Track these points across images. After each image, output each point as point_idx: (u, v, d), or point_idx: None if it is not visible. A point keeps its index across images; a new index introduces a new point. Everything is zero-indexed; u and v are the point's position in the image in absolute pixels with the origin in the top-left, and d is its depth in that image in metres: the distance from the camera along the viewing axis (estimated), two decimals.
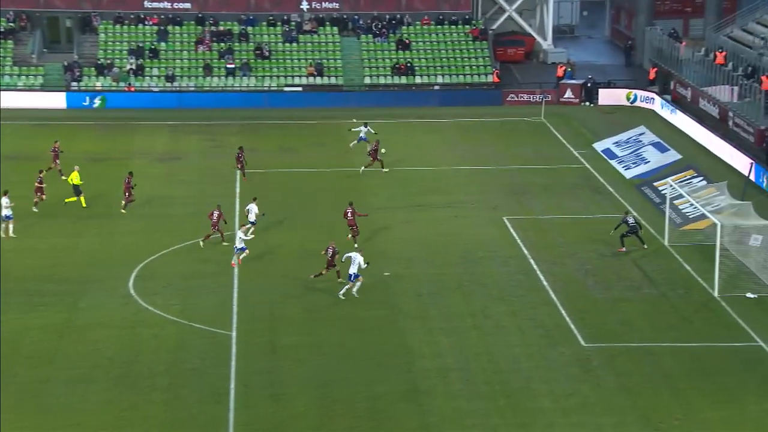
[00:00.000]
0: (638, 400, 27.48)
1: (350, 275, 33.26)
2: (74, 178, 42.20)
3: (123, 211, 40.94)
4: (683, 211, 41.08)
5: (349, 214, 37.98)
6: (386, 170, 46.88)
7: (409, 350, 30.29)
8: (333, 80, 61.48)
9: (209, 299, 33.68)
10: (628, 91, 59.51)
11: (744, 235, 35.37)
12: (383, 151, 47.57)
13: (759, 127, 47.51)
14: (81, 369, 28.95)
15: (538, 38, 67.79)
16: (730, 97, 51.56)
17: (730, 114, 50.48)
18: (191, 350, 30.21)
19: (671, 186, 38.91)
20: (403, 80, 61.74)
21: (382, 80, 61.78)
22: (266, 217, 41.00)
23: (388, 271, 35.86)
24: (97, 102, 57.14)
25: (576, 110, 58.66)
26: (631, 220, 37.15)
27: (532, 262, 36.75)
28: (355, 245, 36.65)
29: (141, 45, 61.83)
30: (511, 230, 39.98)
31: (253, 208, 38.67)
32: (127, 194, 41.17)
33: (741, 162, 46.15)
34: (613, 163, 48.98)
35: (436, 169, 48.19)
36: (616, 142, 51.53)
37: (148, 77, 60.41)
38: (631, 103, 59.25)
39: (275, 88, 60.64)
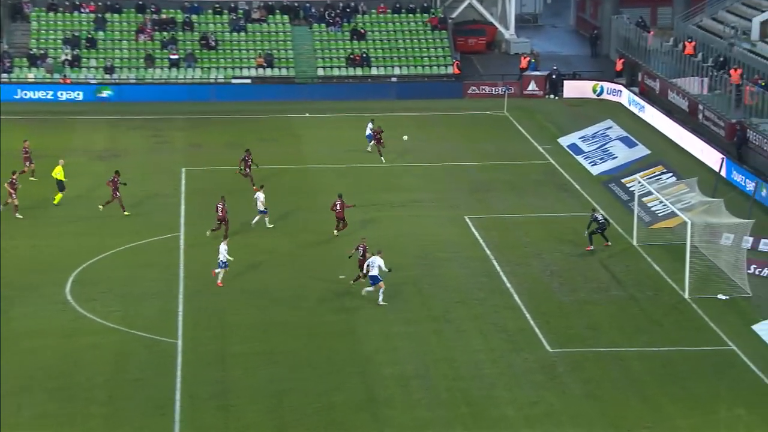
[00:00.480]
0: (606, 408, 27.73)
1: (370, 279, 33.17)
2: (58, 172, 41.91)
3: (126, 213, 40.48)
4: (652, 208, 41.52)
5: (338, 206, 38.41)
6: (384, 161, 47.22)
7: (366, 357, 30.32)
8: (284, 72, 61.30)
9: (153, 305, 33.44)
10: (594, 83, 60.04)
11: (715, 233, 35.83)
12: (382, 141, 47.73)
13: (730, 120, 48.17)
14: (14, 381, 28.59)
15: (500, 27, 68.14)
16: (700, 89, 52.20)
17: (700, 107, 51.12)
18: (133, 360, 29.98)
19: (640, 183, 39.30)
20: (358, 72, 61.76)
21: (335, 72, 61.75)
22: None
23: (342, 274, 35.86)
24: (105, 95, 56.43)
25: (540, 103, 59.08)
26: (600, 217, 37.49)
27: (495, 263, 36.94)
28: (335, 232, 37.84)
29: (77, 34, 61.17)
30: (473, 230, 40.15)
31: (260, 197, 39.25)
32: (114, 194, 40.61)
33: (712, 157, 46.76)
34: (579, 158, 49.39)
35: (393, 166, 48.25)
36: (582, 137, 51.95)
37: (84, 69, 59.80)
38: (598, 95, 59.79)
39: (222, 81, 60.34)
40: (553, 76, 60.13)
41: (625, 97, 58.11)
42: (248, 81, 60.45)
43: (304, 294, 34.47)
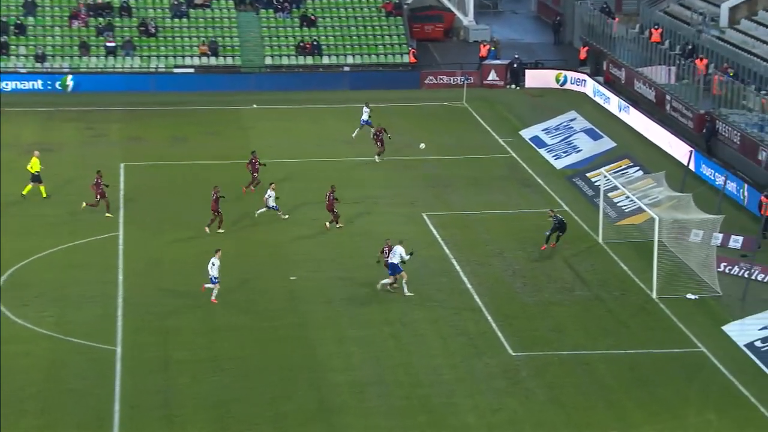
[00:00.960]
0: (571, 414, 27.97)
1: (389, 269, 33.39)
2: (34, 165, 41.45)
3: (108, 215, 40.09)
4: (618, 204, 41.93)
5: (329, 198, 39.02)
6: (379, 160, 47.14)
7: (319, 363, 30.31)
8: (229, 61, 61.04)
9: (89, 310, 33.17)
10: (557, 72, 60.48)
11: (684, 230, 36.26)
12: (389, 136, 47.52)
13: (698, 111, 48.75)
14: None
15: (459, 14, 68.38)
16: (667, 79, 52.74)
17: (668, 97, 51.67)
18: (69, 368, 29.71)
19: (605, 177, 39.66)
20: (309, 61, 61.65)
21: (284, 61, 61.60)
22: (155, 218, 40.53)
23: (293, 275, 35.82)
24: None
25: (501, 94, 59.38)
26: (556, 218, 37.50)
27: (454, 262, 37.09)
28: (327, 224, 38.69)
29: (4, 19, 60.38)
30: (431, 228, 40.28)
31: (272, 195, 39.79)
32: (98, 197, 40.19)
33: (680, 150, 47.32)
34: (542, 152, 49.74)
35: (347, 160, 48.26)
36: (545, 129, 52.31)
37: (14, 57, 59.08)
38: (561, 85, 60.23)
39: (163, 70, 59.94)
40: (515, 65, 60.46)
41: (590, 87, 58.60)
42: (191, 70, 60.10)
43: (253, 296, 34.39)
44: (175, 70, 59.95)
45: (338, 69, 61.21)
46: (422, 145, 35.51)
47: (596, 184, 43.09)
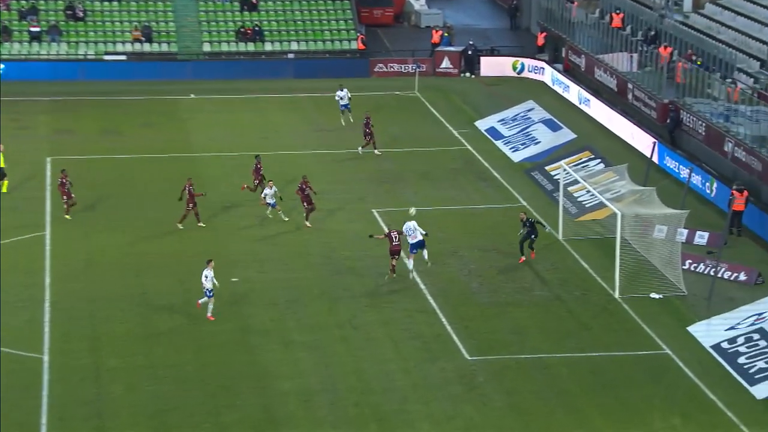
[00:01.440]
0: (530, 421, 28.20)
1: (412, 248, 34.53)
2: None
3: (67, 216, 39.49)
4: (579, 199, 42.28)
5: (304, 190, 39.17)
6: (379, 152, 47.07)
7: (263, 370, 30.28)
8: (164, 47, 60.68)
9: (14, 315, 32.86)
10: (514, 59, 60.83)
11: (647, 226, 36.64)
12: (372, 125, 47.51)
13: (662, 100, 49.26)
14: None
15: None
16: (629, 66, 53.25)
17: (630, 86, 52.18)
18: None
19: (565, 170, 39.97)
20: (250, 47, 61.48)
21: (224, 47, 61.37)
22: (86, 216, 40.22)
23: (236, 277, 35.73)
24: None
25: (455, 82, 59.61)
26: (530, 221, 36.80)
27: (406, 261, 37.24)
28: (306, 223, 38.80)
29: None
30: (382, 225, 40.37)
31: (269, 192, 39.68)
32: (64, 197, 39.69)
33: (643, 141, 47.83)
34: (499, 144, 50.02)
35: (291, 154, 48.22)
36: (502, 120, 52.60)
37: None
38: (518, 73, 60.59)
39: (93, 57, 59.46)
40: (469, 52, 60.72)
41: (548, 75, 59.02)
42: (123, 58, 59.69)
43: (191, 299, 34.25)
44: (106, 58, 59.47)
45: (282, 56, 61.11)
46: (412, 210, 35.77)
47: (555, 177, 43.41)
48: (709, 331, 32.32)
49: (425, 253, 35.29)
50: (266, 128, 51.98)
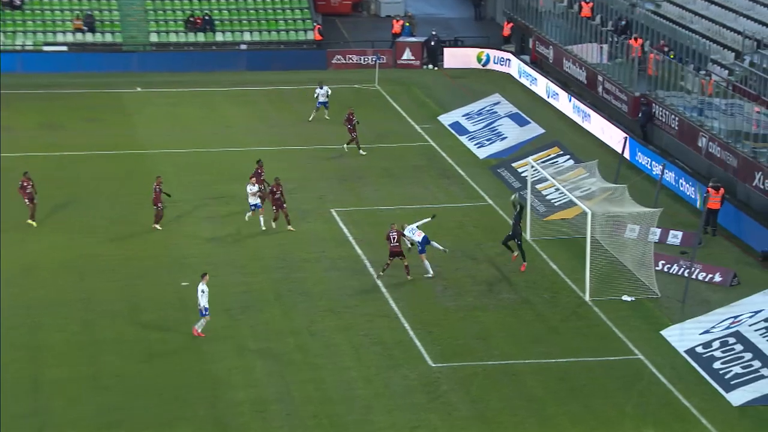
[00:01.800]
0: (497, 430, 28.26)
1: (421, 245, 35.19)
2: None
3: (31, 222, 38.99)
4: (547, 197, 42.48)
5: (275, 193, 39.10)
6: (363, 152, 46.82)
7: (216, 379, 30.20)
8: (108, 37, 60.38)
9: None
10: (478, 50, 61.03)
11: (618, 225, 36.88)
12: (357, 121, 47.13)
13: (633, 93, 49.61)
14: None
15: None
16: (599, 58, 53.57)
17: (600, 78, 52.50)
18: None
19: (533, 167, 40.16)
20: (200, 38, 61.28)
21: (172, 38, 61.13)
22: (26, 218, 39.91)
23: (185, 281, 35.61)
24: None
25: (417, 75, 59.69)
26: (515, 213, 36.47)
27: (367, 264, 37.22)
28: (288, 227, 38.61)
29: None
30: (341, 225, 40.36)
31: (253, 189, 39.06)
32: (28, 201, 39.20)
33: (613, 136, 48.14)
34: (464, 139, 50.15)
35: (245, 150, 48.12)
36: (467, 114, 52.74)
37: None
38: (483, 65, 60.79)
39: (31, 48, 59.06)
40: (432, 43, 60.85)
41: (515, 67, 59.26)
42: (64, 48, 59.30)
43: (139, 305, 34.09)
44: (45, 48, 59.04)
45: (233, 47, 60.96)
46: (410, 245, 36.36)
47: (523, 174, 43.58)
48: (683, 335, 32.58)
49: (435, 244, 35.91)
50: (217, 123, 51.81)
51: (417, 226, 36.02)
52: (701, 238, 37.93)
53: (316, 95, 51.25)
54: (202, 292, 31.68)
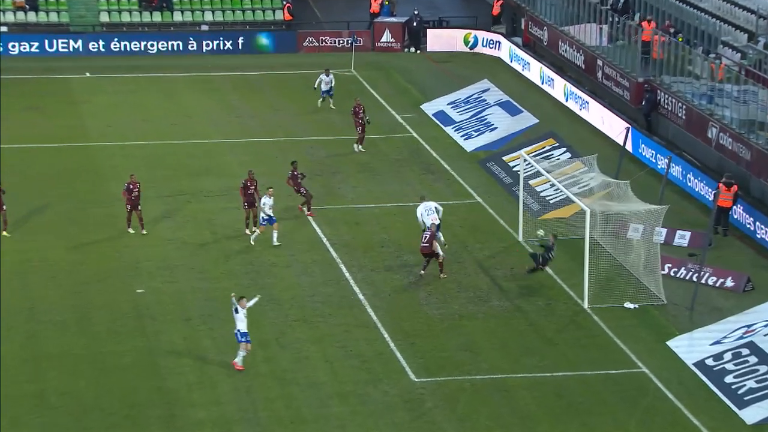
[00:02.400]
0: None
1: (437, 228, 36.85)
2: None
3: (5, 234, 38.69)
4: (542, 194, 42.53)
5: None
6: (362, 149, 46.73)
7: (174, 397, 30.13)
8: (53, 17, 60.17)
9: None
10: (465, 32, 61.08)
11: (620, 224, 36.95)
12: (368, 119, 46.70)
13: (636, 79, 49.72)
14: None
15: None
16: (599, 40, 53.68)
17: (599, 62, 52.63)
18: None
19: (526, 161, 40.22)
20: (157, 18, 61.13)
21: (125, 17, 61.00)
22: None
23: (141, 287, 35.51)
24: None
25: (398, 59, 59.68)
26: (551, 244, 36.05)
27: (343, 268, 37.21)
28: (255, 228, 38.52)
29: None
30: (314, 225, 40.32)
31: (268, 202, 38.17)
32: None
33: (614, 127, 48.24)
34: (449, 130, 50.17)
35: (207, 143, 48.02)
36: (452, 103, 52.76)
37: None
38: (471, 48, 60.83)
39: None
40: (414, 24, 60.88)
41: (506, 50, 59.32)
42: (4, 29, 59.06)
43: (89, 315, 34.00)
44: None
45: (194, 28, 60.84)
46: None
47: (515, 169, 43.62)
48: (691, 346, 32.66)
49: (440, 235, 36.98)
50: (176, 113, 51.69)
51: (436, 209, 37.42)
52: (711, 239, 38.04)
53: (318, 81, 50.77)
54: (237, 311, 30.74)
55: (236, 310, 30.96)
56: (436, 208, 37.47)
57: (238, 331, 30.99)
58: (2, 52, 57.66)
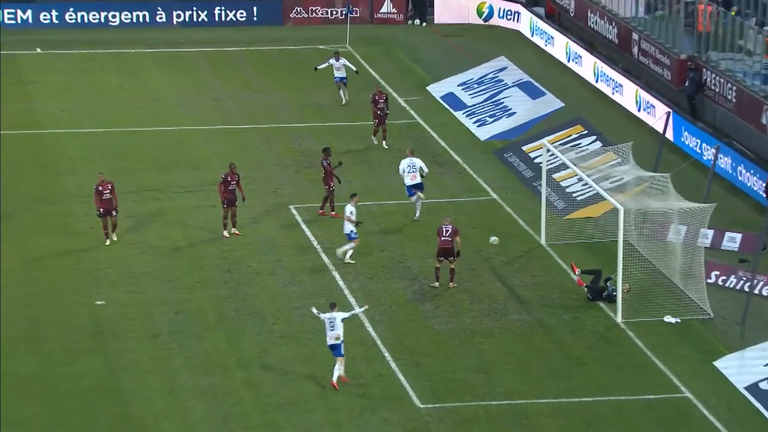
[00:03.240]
0: None
1: (410, 189, 40.13)
2: None
3: None
4: (568, 190, 42.52)
5: (230, 183, 39.02)
6: (378, 142, 46.67)
7: (140, 426, 30.11)
8: None
9: None
10: (479, 1, 61.03)
11: (660, 225, 36.92)
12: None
13: (678, 56, 49.69)
14: None
15: None
16: (634, 10, 53.64)
17: (635, 36, 52.61)
18: None
19: (549, 151, 40.20)
20: None
21: None
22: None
23: (101, 299, 35.52)
24: None
25: (400, 32, 59.64)
26: (611, 287, 35.58)
27: (336, 276, 37.21)
28: (234, 229, 38.75)
29: None
30: (303, 226, 40.33)
31: (352, 211, 37.71)
32: None
33: (653, 111, 48.24)
34: (460, 115, 50.15)
35: (178, 130, 48.01)
36: (464, 84, 52.72)
37: None
38: (485, 20, 60.79)
39: None
40: None
41: (526, 22, 59.30)
42: None
43: (43, 332, 34.00)
44: None
45: None
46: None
47: (536, 161, 43.61)
48: (742, 367, 32.67)
49: (418, 200, 39.96)
50: (142, 95, 51.68)
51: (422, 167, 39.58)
52: (766, 242, 38.02)
53: (326, 64, 49.95)
54: (333, 323, 31.30)
55: (332, 326, 31.12)
56: (421, 167, 38.35)
57: (337, 339, 31.20)
58: None
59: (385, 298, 36.04)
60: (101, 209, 38.52)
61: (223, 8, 60.11)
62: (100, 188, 38.54)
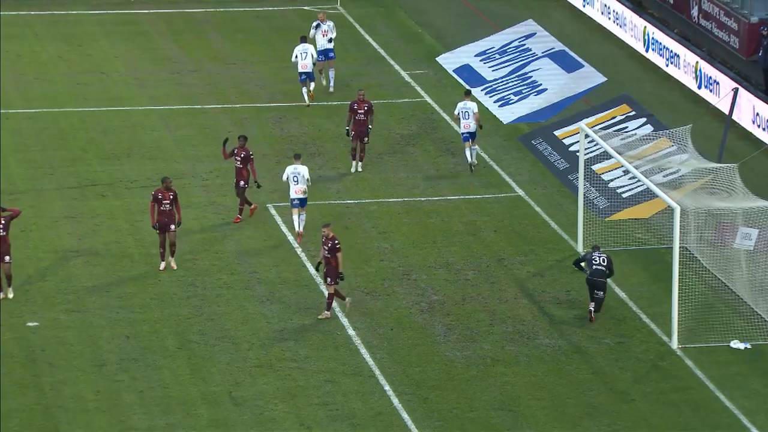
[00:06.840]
0: None
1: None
2: None
3: None
4: (611, 185, 42.52)
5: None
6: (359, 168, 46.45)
7: None
8: None
9: None
10: None
11: (726, 228, 36.91)
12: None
13: (748, 20, 49.73)
14: None
15: None
16: None
17: None
18: None
19: (588, 137, 40.23)
20: None
21: None
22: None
23: (34, 320, 35.54)
24: None
25: None
26: (596, 259, 36.08)
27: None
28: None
29: None
30: (283, 228, 40.35)
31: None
32: None
33: (717, 87, 48.23)
34: (478, 93, 50.17)
35: (130, 110, 48.08)
36: (483, 54, 52.76)
37: None
38: None
39: None
40: None
41: None
42: None
43: None
44: None
45: None
46: None
47: (571, 149, 43.60)
48: None
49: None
50: (85, 68, 51.75)
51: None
52: None
53: (312, 35, 49.47)
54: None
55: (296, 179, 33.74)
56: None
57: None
58: None
59: (386, 319, 36.06)
60: (158, 223, 38.04)
61: None
62: (160, 196, 38.08)
